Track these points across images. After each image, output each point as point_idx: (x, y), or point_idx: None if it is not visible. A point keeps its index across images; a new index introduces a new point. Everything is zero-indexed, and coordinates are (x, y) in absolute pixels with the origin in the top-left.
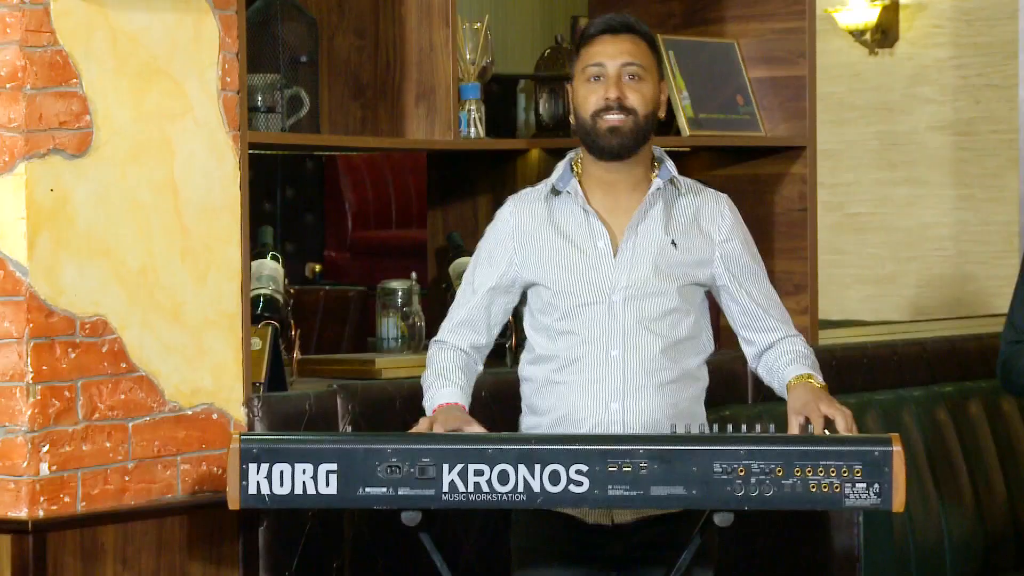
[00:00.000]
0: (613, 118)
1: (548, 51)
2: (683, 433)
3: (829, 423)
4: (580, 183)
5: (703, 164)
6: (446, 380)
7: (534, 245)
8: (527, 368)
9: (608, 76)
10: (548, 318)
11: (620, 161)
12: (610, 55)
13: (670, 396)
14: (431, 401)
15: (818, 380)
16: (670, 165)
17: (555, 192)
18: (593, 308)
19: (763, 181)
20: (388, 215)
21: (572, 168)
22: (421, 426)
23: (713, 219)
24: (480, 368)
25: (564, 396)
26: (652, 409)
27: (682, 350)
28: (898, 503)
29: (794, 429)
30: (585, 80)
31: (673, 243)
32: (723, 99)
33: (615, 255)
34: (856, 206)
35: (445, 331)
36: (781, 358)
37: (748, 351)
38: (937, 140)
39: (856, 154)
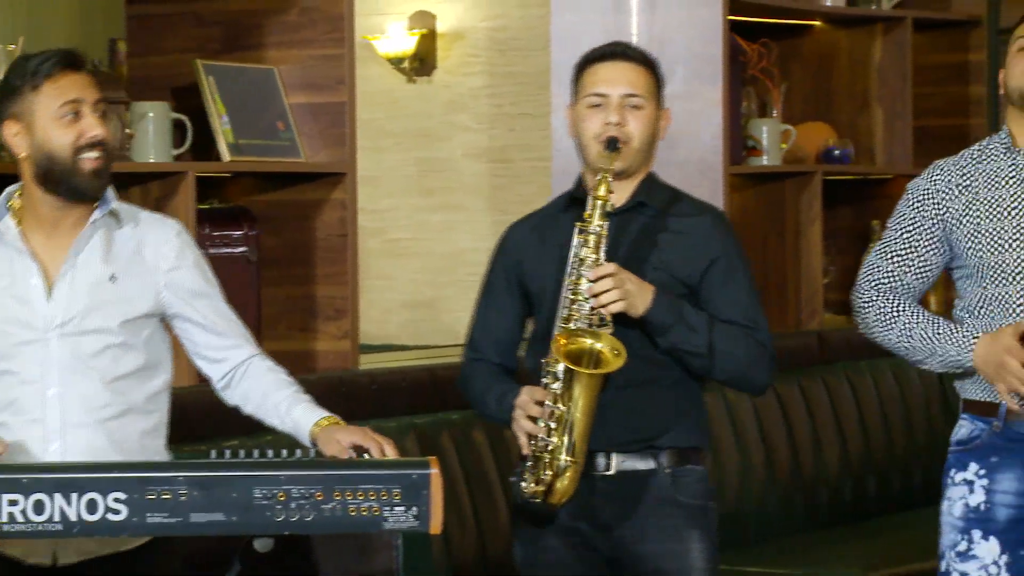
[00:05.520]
0: (96, 157)
1: None
2: (226, 459)
3: (362, 453)
4: (19, 217)
5: (244, 190)
6: None
7: None
8: None
9: (85, 112)
10: None
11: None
12: (85, 88)
13: (114, 432)
14: None
15: (337, 418)
16: (111, 196)
17: None
18: (30, 347)
19: (304, 207)
20: None
21: (7, 204)
22: None
23: (158, 248)
24: None
25: (4, 438)
26: (94, 447)
27: (128, 384)
28: (435, 524)
29: (340, 454)
30: (59, 118)
31: (112, 277)
32: (264, 125)
33: (51, 292)
34: (396, 231)
35: None
36: (276, 393)
37: (215, 371)
38: (473, 167)
39: (395, 180)
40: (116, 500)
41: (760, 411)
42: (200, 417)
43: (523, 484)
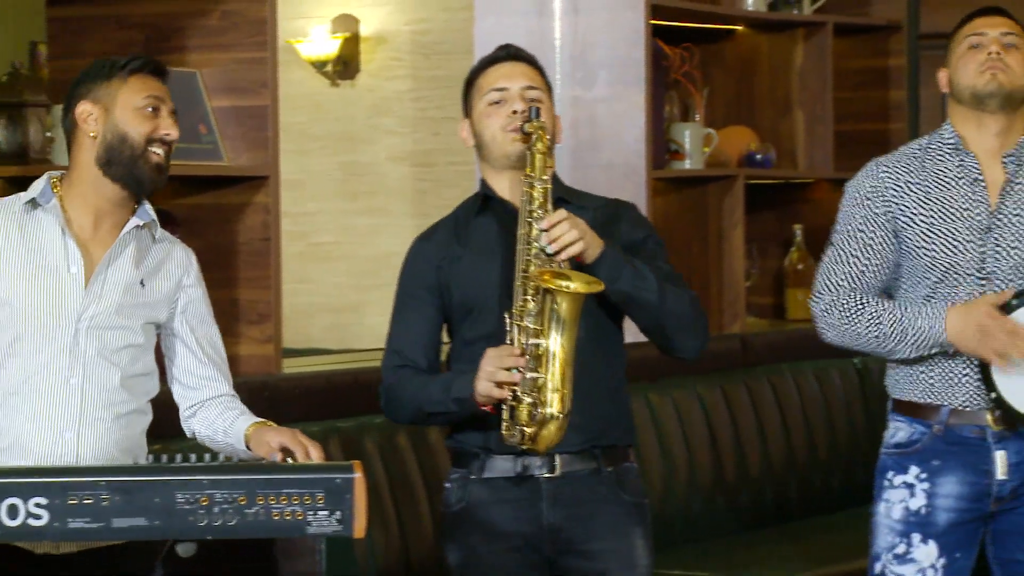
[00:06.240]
0: (162, 154)
1: (6, 77)
2: (146, 464)
3: (289, 455)
4: (62, 204)
5: (166, 193)
6: None
7: (2, 257)
8: None
9: (164, 112)
10: (2, 337)
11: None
12: (167, 94)
13: (125, 428)
14: None
15: (270, 423)
16: (149, 208)
17: (34, 205)
18: (56, 332)
19: (227, 210)
20: None
21: (52, 187)
22: None
23: (182, 266)
24: None
25: (13, 421)
26: (107, 441)
27: (138, 384)
28: (359, 529)
29: (266, 455)
30: (140, 108)
31: (142, 282)
32: (186, 128)
33: (87, 283)
34: (320, 235)
35: None
36: (227, 413)
37: (187, 397)
38: (398, 171)
39: (319, 184)
40: (37, 505)
41: (683, 414)
42: None
43: (505, 434)
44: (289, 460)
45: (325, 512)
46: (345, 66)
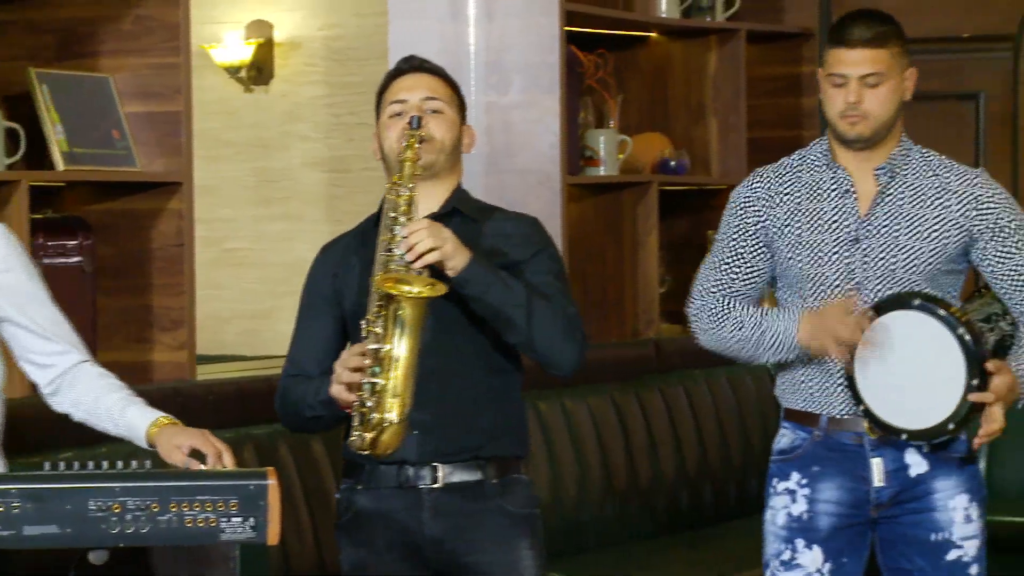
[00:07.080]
0: None
1: None
2: (60, 471)
3: (199, 456)
4: None
5: (79, 199)
6: None
7: None
8: None
9: None
10: None
11: None
12: None
13: None
14: None
15: (174, 419)
16: None
17: None
18: None
19: (140, 216)
20: None
21: None
22: None
23: None
24: None
25: None
26: None
27: None
28: (273, 535)
29: (179, 460)
30: None
31: None
32: (99, 134)
33: None
34: (233, 241)
35: None
36: (106, 396)
37: (42, 376)
38: (311, 176)
39: (233, 190)
40: None
41: (597, 419)
42: (32, 429)
43: (351, 440)
44: (202, 466)
45: (239, 519)
46: (259, 72)
